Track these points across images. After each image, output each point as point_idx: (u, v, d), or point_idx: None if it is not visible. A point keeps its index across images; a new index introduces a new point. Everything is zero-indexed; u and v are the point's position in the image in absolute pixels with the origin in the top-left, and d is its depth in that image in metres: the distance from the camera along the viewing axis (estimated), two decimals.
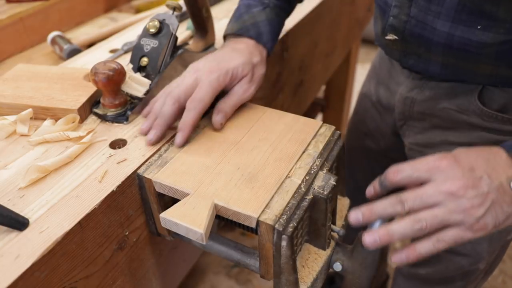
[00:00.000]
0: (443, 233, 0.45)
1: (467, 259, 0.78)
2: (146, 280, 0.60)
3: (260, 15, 0.67)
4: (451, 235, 0.44)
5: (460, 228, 0.44)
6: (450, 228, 0.44)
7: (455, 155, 0.46)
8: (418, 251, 0.46)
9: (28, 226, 0.44)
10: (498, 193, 0.43)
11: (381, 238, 0.46)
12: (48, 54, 0.91)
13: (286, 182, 0.50)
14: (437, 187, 0.44)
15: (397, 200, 0.46)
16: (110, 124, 0.60)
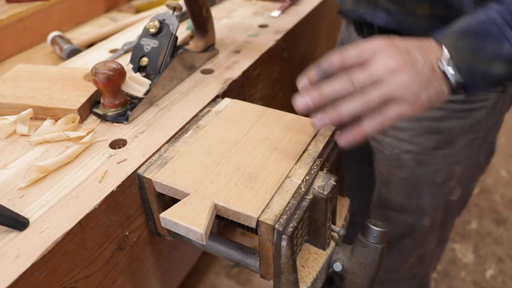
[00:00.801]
0: (386, 110, 0.48)
1: (412, 215, 0.84)
2: (146, 280, 0.60)
3: None
4: (394, 110, 0.48)
5: (401, 104, 0.47)
6: (392, 104, 0.48)
7: (392, 40, 0.49)
8: (364, 130, 0.49)
9: (28, 226, 0.44)
10: (431, 73, 0.48)
11: (330, 118, 0.48)
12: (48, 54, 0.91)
13: (286, 182, 0.50)
14: (382, 64, 0.47)
15: (346, 79, 0.48)
16: (110, 124, 0.60)
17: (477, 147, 0.78)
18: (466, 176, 0.82)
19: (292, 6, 1.00)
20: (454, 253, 1.56)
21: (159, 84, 0.64)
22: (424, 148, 0.77)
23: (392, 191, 0.86)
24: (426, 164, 0.79)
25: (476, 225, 1.68)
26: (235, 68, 0.74)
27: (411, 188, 0.82)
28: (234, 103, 0.65)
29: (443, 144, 0.76)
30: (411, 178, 0.81)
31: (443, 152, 0.77)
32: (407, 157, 0.79)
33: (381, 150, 0.83)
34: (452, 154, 0.77)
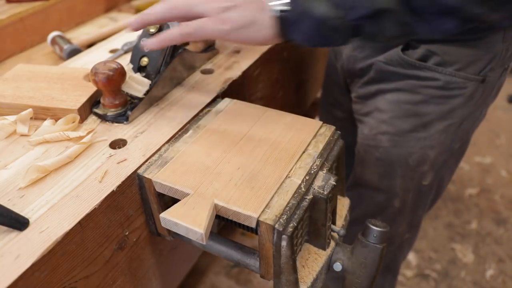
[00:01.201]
0: (190, 22, 0.51)
1: (383, 194, 0.88)
2: (146, 280, 0.60)
3: None
4: (196, 22, 0.50)
5: (205, 18, 0.49)
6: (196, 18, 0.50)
7: None
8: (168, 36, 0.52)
9: (28, 226, 0.44)
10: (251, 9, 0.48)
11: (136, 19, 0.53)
12: (48, 54, 0.91)
13: (286, 182, 0.50)
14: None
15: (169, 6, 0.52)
16: (110, 124, 0.60)
17: (451, 134, 0.80)
18: (439, 161, 0.84)
19: None
20: (454, 253, 1.56)
21: (159, 84, 0.64)
22: (401, 130, 0.80)
23: (366, 170, 0.88)
24: (400, 146, 0.81)
25: (476, 225, 1.68)
26: (235, 68, 0.74)
27: (384, 168, 0.85)
28: (234, 103, 0.65)
29: (419, 127, 0.79)
30: (385, 159, 0.84)
31: (418, 136, 0.79)
32: (384, 138, 0.82)
33: (362, 130, 0.86)
34: (426, 138, 0.79)
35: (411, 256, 1.55)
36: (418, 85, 0.75)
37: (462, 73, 0.71)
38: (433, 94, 0.75)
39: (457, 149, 0.85)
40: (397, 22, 0.48)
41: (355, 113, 0.91)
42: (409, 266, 1.51)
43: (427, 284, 1.46)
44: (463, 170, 1.93)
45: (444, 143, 0.81)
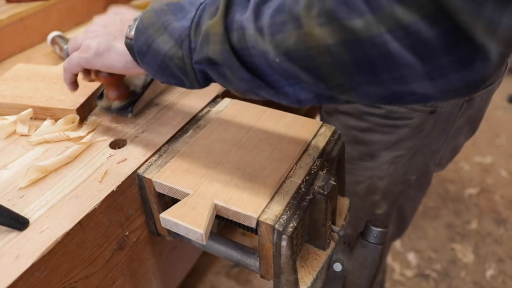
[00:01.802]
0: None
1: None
2: (146, 280, 0.60)
3: None
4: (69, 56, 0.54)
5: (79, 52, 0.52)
6: None
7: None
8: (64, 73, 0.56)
9: (28, 226, 0.44)
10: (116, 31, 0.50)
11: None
12: (48, 54, 0.91)
13: (286, 182, 0.50)
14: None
15: None
16: (110, 124, 0.60)
17: (402, 165, 0.76)
18: (392, 192, 0.80)
19: None
20: (454, 253, 1.56)
21: None
22: (350, 157, 0.76)
23: None
24: (350, 174, 0.77)
25: (476, 225, 1.68)
26: None
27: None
28: (234, 103, 0.65)
29: (366, 156, 0.76)
30: None
31: (366, 165, 0.77)
32: None
33: None
34: (374, 168, 0.77)
35: (411, 256, 1.55)
36: (363, 112, 0.73)
37: None
38: (378, 122, 0.72)
39: (414, 180, 0.80)
40: (236, 77, 0.40)
41: None
42: (409, 266, 1.51)
43: (427, 284, 1.46)
44: (463, 170, 1.93)
45: (395, 174, 0.77)
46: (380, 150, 0.75)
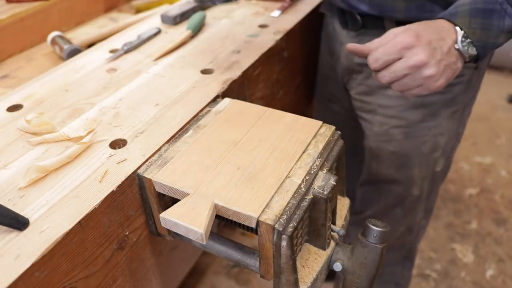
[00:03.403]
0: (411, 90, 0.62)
1: (402, 185, 0.92)
2: (146, 280, 0.60)
3: None
4: (415, 90, 0.61)
5: (421, 87, 0.60)
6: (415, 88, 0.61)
7: (416, 32, 0.58)
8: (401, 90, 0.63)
9: (28, 226, 0.44)
10: (448, 57, 0.59)
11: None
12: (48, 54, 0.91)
13: (286, 182, 0.50)
14: (406, 62, 0.58)
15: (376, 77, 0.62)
16: (110, 124, 0.60)
17: (457, 119, 0.86)
18: (448, 147, 0.90)
19: (292, 6, 1.00)
20: (454, 253, 1.56)
21: None
22: (411, 122, 0.84)
23: (382, 164, 0.92)
24: (413, 137, 0.86)
25: (476, 225, 1.68)
26: (235, 68, 0.74)
27: (400, 160, 0.89)
28: (234, 103, 0.65)
29: (428, 117, 0.84)
30: (400, 151, 0.88)
31: (428, 125, 0.84)
32: (396, 132, 0.86)
33: (371, 128, 0.89)
34: (436, 126, 0.85)
35: None
36: None
37: None
38: None
39: (461, 133, 0.91)
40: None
41: (357, 110, 0.92)
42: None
43: (427, 284, 1.46)
44: (463, 170, 1.93)
45: (451, 129, 0.86)
46: (440, 109, 0.83)
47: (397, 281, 1.17)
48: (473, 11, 0.60)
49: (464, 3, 0.61)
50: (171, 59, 0.78)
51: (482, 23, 0.60)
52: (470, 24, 0.60)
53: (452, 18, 0.61)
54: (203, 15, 0.91)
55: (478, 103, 2.22)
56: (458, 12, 0.61)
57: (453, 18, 0.61)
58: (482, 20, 0.60)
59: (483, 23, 0.60)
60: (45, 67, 0.85)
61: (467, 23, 0.60)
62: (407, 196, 0.94)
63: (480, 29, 0.60)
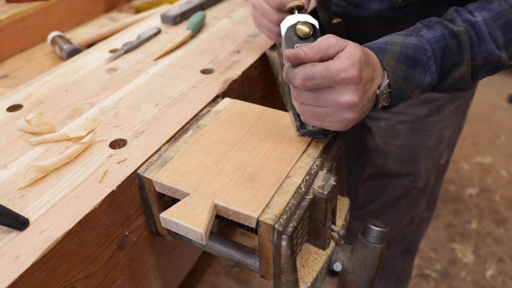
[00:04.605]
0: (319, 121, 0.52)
1: (408, 178, 0.93)
2: (146, 280, 0.60)
3: None
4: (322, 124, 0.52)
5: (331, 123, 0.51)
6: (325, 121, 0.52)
7: (360, 65, 0.48)
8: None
9: (28, 226, 0.44)
10: (368, 102, 0.52)
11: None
12: (48, 54, 0.91)
13: (286, 182, 0.50)
14: (337, 98, 0.49)
15: (315, 98, 0.51)
16: (110, 124, 0.60)
17: (461, 113, 0.88)
18: (453, 140, 0.92)
19: None
20: (454, 253, 1.56)
21: None
22: (417, 117, 0.85)
23: (388, 159, 0.93)
24: (419, 131, 0.87)
25: (476, 225, 1.68)
26: (235, 68, 0.74)
27: (407, 154, 0.90)
28: (234, 103, 0.65)
29: (434, 111, 0.85)
30: (406, 145, 0.89)
31: (434, 119, 0.85)
32: (402, 127, 0.87)
33: (377, 124, 0.90)
34: (441, 120, 0.86)
35: None
36: None
37: None
38: None
39: (462, 126, 0.93)
40: None
41: None
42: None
43: (427, 284, 1.46)
44: (463, 170, 1.93)
45: (455, 122, 0.88)
46: (445, 103, 0.84)
47: (398, 275, 1.18)
48: (401, 55, 0.54)
49: (396, 42, 0.55)
50: (171, 59, 0.78)
51: (406, 73, 0.54)
52: (395, 70, 0.53)
53: (379, 54, 0.54)
54: (203, 15, 0.91)
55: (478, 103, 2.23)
56: (387, 50, 0.54)
57: (380, 54, 0.54)
58: (407, 69, 0.54)
59: (407, 72, 0.54)
60: (45, 67, 0.85)
61: (393, 67, 0.53)
62: (412, 189, 0.95)
63: (402, 78, 0.54)
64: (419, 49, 0.55)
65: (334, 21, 0.81)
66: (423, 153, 0.89)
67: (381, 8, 0.73)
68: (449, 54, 0.56)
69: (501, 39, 0.57)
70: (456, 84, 0.58)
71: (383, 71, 0.54)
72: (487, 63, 0.58)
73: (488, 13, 0.57)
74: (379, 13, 0.74)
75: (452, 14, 0.59)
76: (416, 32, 0.57)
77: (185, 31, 0.85)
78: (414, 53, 0.55)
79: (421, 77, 0.55)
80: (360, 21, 0.77)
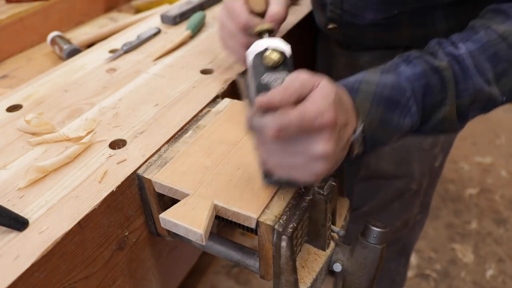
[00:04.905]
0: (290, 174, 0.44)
1: (401, 180, 0.91)
2: (146, 280, 0.60)
3: None
4: (289, 174, 0.44)
5: (298, 174, 0.43)
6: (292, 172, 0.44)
7: (335, 109, 0.41)
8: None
9: (27, 226, 0.44)
10: (342, 150, 0.45)
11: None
12: (48, 54, 0.91)
13: None
14: (308, 149, 0.41)
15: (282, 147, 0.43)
16: (110, 124, 0.60)
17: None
18: (447, 143, 0.91)
19: (292, 6, 1.00)
20: (454, 253, 1.56)
21: None
22: None
23: (382, 161, 0.92)
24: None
25: (476, 225, 1.68)
26: (235, 68, 0.74)
27: (401, 155, 0.89)
28: (234, 103, 0.65)
29: None
30: (401, 147, 0.88)
31: None
32: None
33: None
34: None
35: (411, 256, 1.54)
36: None
37: None
38: None
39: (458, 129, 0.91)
40: None
41: None
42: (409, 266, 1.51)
43: (427, 284, 1.46)
44: (463, 170, 1.93)
45: None
46: None
47: (393, 278, 1.18)
48: (377, 96, 0.48)
49: (371, 80, 0.49)
50: (171, 59, 0.78)
51: (382, 116, 0.48)
52: (369, 113, 0.48)
53: (352, 94, 0.49)
54: (203, 15, 0.90)
55: None
56: (360, 90, 0.49)
57: (353, 93, 0.49)
58: (384, 111, 0.48)
59: (384, 115, 0.48)
60: (45, 67, 0.85)
61: (367, 110, 0.48)
62: (405, 191, 0.94)
63: (379, 122, 0.48)
64: (397, 88, 0.49)
65: (330, 26, 0.81)
66: (417, 155, 0.88)
67: (376, 18, 0.72)
68: (432, 93, 0.50)
69: (491, 73, 0.52)
70: (440, 125, 0.53)
71: (357, 115, 0.48)
72: (476, 101, 0.53)
73: (473, 44, 0.52)
74: (375, 21, 0.73)
75: (434, 47, 0.54)
76: (394, 69, 0.51)
77: (185, 31, 0.85)
78: (391, 93, 0.49)
79: (400, 120, 0.50)
80: (355, 27, 0.77)
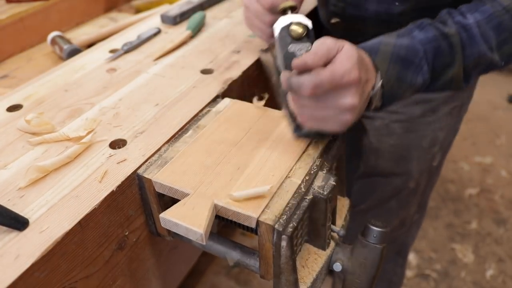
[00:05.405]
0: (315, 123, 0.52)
1: (399, 178, 0.93)
2: (146, 280, 0.60)
3: None
4: (317, 125, 0.52)
5: (326, 124, 0.51)
6: (320, 123, 0.51)
7: (359, 67, 0.48)
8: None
9: (28, 226, 0.44)
10: (363, 103, 0.52)
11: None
12: (48, 54, 0.91)
13: (286, 182, 0.50)
14: (338, 102, 0.48)
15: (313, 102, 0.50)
16: (110, 124, 0.60)
17: (455, 116, 0.88)
18: (446, 142, 0.92)
19: None
20: (454, 253, 1.56)
21: None
22: (412, 117, 0.85)
23: (381, 158, 0.93)
24: (413, 131, 0.87)
25: (476, 225, 1.68)
26: (235, 68, 0.74)
27: (400, 153, 0.90)
28: (234, 103, 0.65)
29: (428, 112, 0.85)
30: (400, 144, 0.89)
31: (428, 120, 0.86)
32: (396, 126, 0.87)
33: (371, 123, 0.91)
34: (436, 121, 0.86)
35: (411, 256, 1.55)
36: None
37: None
38: None
39: (457, 129, 0.93)
40: None
41: None
42: (409, 266, 1.51)
43: (427, 284, 1.46)
44: (463, 170, 1.93)
45: (450, 125, 0.88)
46: (440, 105, 0.84)
47: (390, 279, 1.19)
48: (394, 56, 0.55)
49: (388, 42, 0.56)
50: (171, 59, 0.78)
51: (398, 73, 0.55)
52: (388, 71, 0.55)
53: (372, 53, 0.55)
54: (203, 15, 0.90)
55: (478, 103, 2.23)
56: (379, 51, 0.55)
57: (373, 54, 0.55)
58: (400, 69, 0.55)
59: (400, 73, 0.55)
60: (45, 67, 0.85)
61: (385, 68, 0.55)
62: (403, 189, 0.95)
63: (395, 79, 0.55)
64: (411, 49, 0.56)
65: (333, 21, 0.81)
66: (415, 153, 0.89)
67: (379, 9, 0.74)
68: (441, 55, 0.57)
69: (494, 41, 0.58)
70: (448, 84, 0.60)
71: (376, 72, 0.54)
72: (479, 65, 0.59)
73: (480, 14, 0.58)
74: (377, 13, 0.75)
75: (444, 16, 0.60)
76: (408, 33, 0.57)
77: (185, 31, 0.85)
78: (406, 54, 0.56)
79: (413, 77, 0.56)
80: (358, 21, 0.78)
